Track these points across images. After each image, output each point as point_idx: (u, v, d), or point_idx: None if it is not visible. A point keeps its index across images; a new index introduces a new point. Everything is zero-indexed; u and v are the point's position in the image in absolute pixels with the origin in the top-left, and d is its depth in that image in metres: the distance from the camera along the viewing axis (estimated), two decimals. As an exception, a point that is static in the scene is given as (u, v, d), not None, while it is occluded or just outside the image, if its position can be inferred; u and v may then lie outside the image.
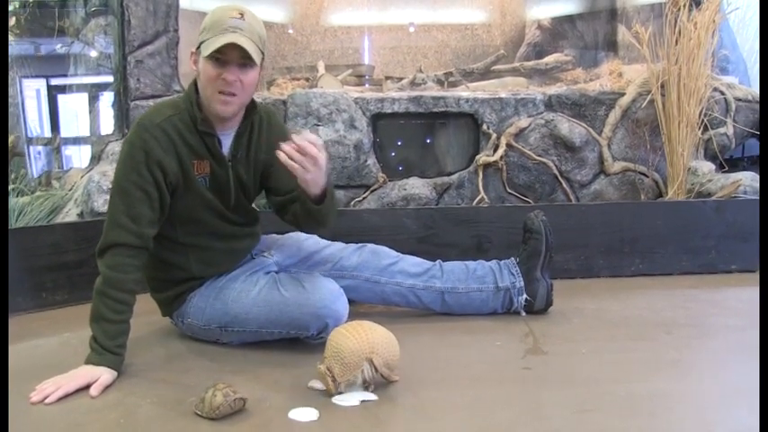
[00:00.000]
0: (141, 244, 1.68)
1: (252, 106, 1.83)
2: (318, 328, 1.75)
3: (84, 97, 3.59)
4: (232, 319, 1.81)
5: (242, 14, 1.68)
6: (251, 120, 1.85)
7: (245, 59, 1.67)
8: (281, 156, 1.62)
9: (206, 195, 1.80)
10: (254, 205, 2.02)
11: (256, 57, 1.68)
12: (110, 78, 3.30)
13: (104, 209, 2.59)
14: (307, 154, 1.63)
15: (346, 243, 2.11)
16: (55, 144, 3.83)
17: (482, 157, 3.09)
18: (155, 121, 1.72)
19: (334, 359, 1.46)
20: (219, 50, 1.64)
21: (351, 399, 1.46)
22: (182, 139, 1.74)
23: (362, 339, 1.47)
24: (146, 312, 1.96)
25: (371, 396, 1.48)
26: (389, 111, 3.11)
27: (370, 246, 2.11)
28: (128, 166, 1.70)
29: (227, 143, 1.82)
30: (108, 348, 1.60)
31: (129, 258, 1.65)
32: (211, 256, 1.88)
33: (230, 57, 1.66)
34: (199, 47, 1.71)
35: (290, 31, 4.28)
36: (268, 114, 1.94)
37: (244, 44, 1.64)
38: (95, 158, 3.17)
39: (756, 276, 2.61)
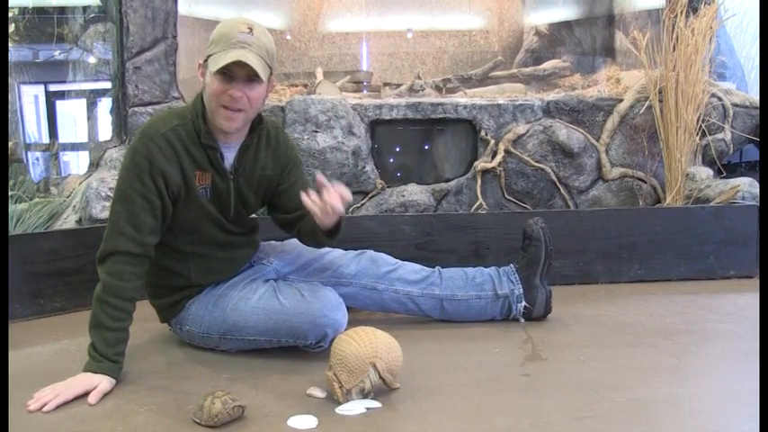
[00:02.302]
0: (142, 252, 1.67)
1: (258, 120, 1.82)
2: (317, 337, 1.75)
3: (82, 103, 3.59)
4: (230, 327, 1.81)
5: (251, 29, 1.67)
6: (257, 134, 1.84)
7: (251, 76, 1.67)
8: (306, 199, 1.64)
9: (206, 206, 1.80)
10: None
11: (263, 74, 1.67)
12: (108, 85, 3.30)
13: (103, 215, 2.60)
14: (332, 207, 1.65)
15: (345, 249, 2.11)
16: (53, 150, 3.83)
17: (480, 164, 3.09)
18: (160, 130, 1.72)
19: (339, 366, 1.46)
20: (226, 66, 1.64)
21: (355, 408, 1.45)
22: (185, 149, 1.73)
23: (366, 344, 1.47)
24: (144, 319, 1.96)
25: (375, 403, 1.48)
26: (388, 117, 3.11)
27: (369, 253, 2.11)
28: (131, 173, 1.69)
29: (230, 156, 1.81)
30: (106, 356, 1.60)
31: (130, 266, 1.65)
32: (211, 265, 1.87)
33: (237, 73, 1.66)
34: (206, 59, 1.70)
35: (288, 38, 4.29)
36: (276, 129, 1.93)
37: (251, 61, 1.63)
38: (94, 165, 3.17)
39: (755, 282, 2.61)
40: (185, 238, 1.83)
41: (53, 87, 4.12)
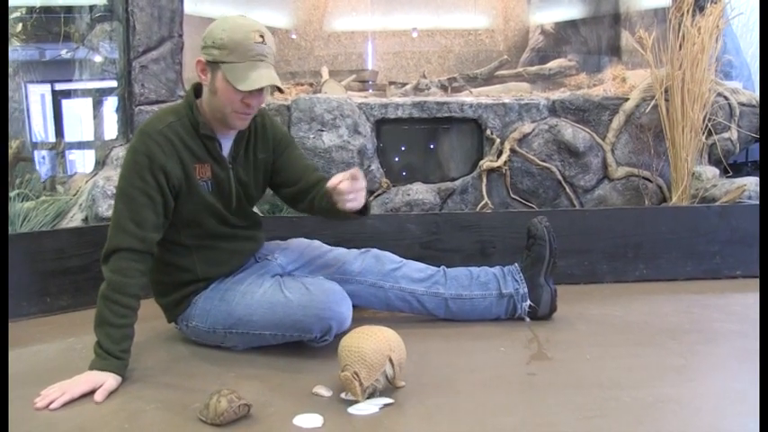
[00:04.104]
0: (146, 248, 1.69)
1: None
2: (322, 330, 1.75)
3: (88, 102, 3.60)
4: (236, 321, 1.82)
5: (263, 36, 1.71)
6: (250, 123, 1.87)
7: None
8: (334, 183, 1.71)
9: (208, 199, 1.82)
10: (256, 210, 2.03)
11: (282, 87, 1.75)
12: (114, 83, 3.32)
13: (109, 214, 2.61)
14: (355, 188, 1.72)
15: (349, 248, 2.11)
16: (59, 149, 3.84)
17: (486, 163, 3.09)
18: (157, 127, 1.75)
19: (358, 363, 1.44)
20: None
21: (369, 407, 1.45)
22: (183, 143, 1.77)
23: (380, 338, 1.48)
24: (150, 317, 1.97)
25: (387, 399, 1.48)
26: (393, 116, 3.11)
27: (374, 251, 2.12)
28: (132, 171, 1.71)
29: (227, 146, 1.86)
30: (112, 353, 1.60)
31: (134, 263, 1.66)
32: (215, 256, 1.89)
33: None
34: (215, 62, 1.71)
35: (294, 37, 4.29)
36: (262, 116, 1.98)
37: (276, 81, 1.71)
38: (100, 163, 3.18)
39: (761, 282, 2.61)
40: (188, 232, 1.85)
41: (59, 86, 4.14)
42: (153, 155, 1.71)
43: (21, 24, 3.50)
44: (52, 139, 4.10)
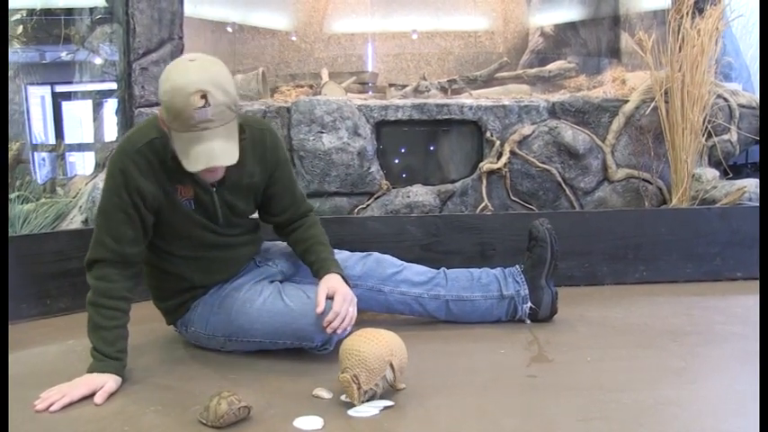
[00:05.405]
0: (124, 260, 1.67)
1: (240, 131, 1.66)
2: (323, 338, 1.75)
3: (88, 104, 3.60)
4: (236, 329, 1.81)
5: (205, 96, 1.51)
6: (246, 141, 1.73)
7: None
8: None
9: (193, 216, 1.78)
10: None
11: (233, 155, 1.58)
12: (114, 86, 3.31)
13: (109, 216, 2.61)
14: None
15: (350, 251, 2.11)
16: (59, 151, 3.84)
17: (486, 165, 3.09)
18: (136, 144, 1.67)
19: (359, 367, 1.44)
20: None
21: (369, 409, 1.45)
22: (161, 163, 1.68)
23: (382, 343, 1.48)
24: (149, 320, 1.97)
25: (388, 402, 1.48)
26: (393, 118, 3.11)
27: (375, 255, 2.11)
28: (109, 187, 1.68)
29: None
30: (109, 355, 1.60)
31: (115, 269, 1.66)
32: (211, 265, 1.87)
33: None
34: (166, 123, 1.59)
35: (294, 39, 4.29)
36: (262, 131, 1.85)
37: (220, 160, 1.56)
38: (100, 165, 3.18)
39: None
40: (178, 244, 1.82)
41: (60, 88, 4.14)
42: (128, 174, 1.65)
43: (21, 26, 3.50)
44: (52, 141, 4.10)
